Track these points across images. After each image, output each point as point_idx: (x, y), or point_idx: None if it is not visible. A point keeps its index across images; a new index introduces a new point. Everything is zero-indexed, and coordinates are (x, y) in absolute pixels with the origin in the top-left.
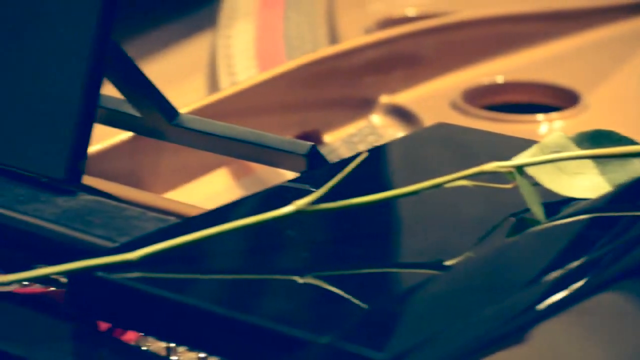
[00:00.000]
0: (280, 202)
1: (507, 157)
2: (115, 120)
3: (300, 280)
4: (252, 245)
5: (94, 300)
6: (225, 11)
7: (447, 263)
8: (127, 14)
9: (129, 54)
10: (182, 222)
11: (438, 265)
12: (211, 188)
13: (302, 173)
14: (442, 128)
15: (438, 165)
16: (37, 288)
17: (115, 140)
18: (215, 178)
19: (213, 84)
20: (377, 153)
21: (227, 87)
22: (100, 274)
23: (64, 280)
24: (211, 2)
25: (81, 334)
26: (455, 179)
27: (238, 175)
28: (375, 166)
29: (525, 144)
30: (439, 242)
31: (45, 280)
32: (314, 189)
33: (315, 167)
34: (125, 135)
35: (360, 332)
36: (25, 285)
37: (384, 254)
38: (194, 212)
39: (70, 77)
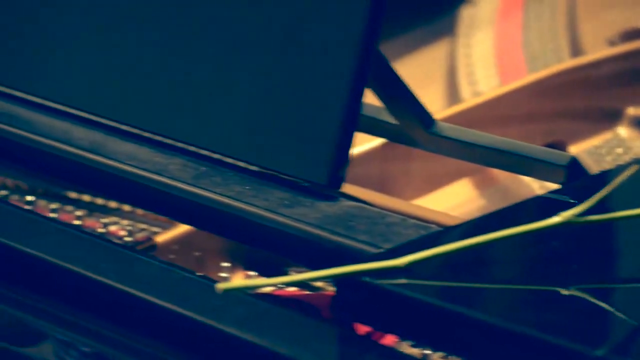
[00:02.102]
0: (542, 213)
1: None
2: (371, 127)
3: (564, 292)
4: (513, 255)
5: (359, 304)
6: (465, 21)
7: None
8: None
9: None
10: (445, 230)
11: None
12: (455, 197)
13: (562, 184)
14: None
15: None
16: (292, 291)
17: (367, 147)
18: (458, 188)
19: (451, 93)
20: None
21: (471, 97)
22: (367, 279)
23: (318, 284)
24: (449, 11)
25: (342, 336)
26: None
27: (481, 186)
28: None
29: None
30: None
31: (298, 283)
32: (576, 201)
33: (575, 179)
34: (377, 141)
35: (632, 349)
36: (280, 287)
37: None
38: (449, 221)
39: (335, 85)
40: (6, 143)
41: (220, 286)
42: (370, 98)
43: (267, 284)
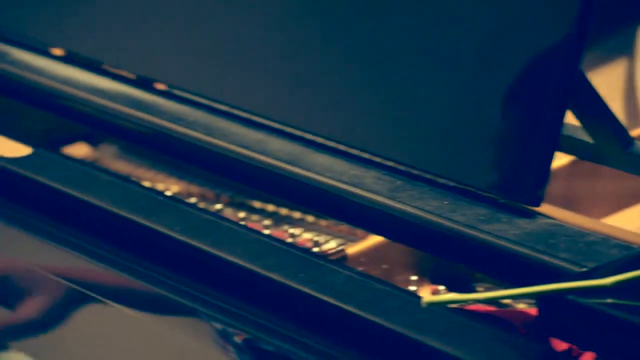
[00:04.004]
0: None
1: None
2: (566, 145)
3: None
4: None
5: (564, 322)
6: None
7: None
8: None
9: None
10: None
11: None
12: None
13: None
14: None
15: None
16: (483, 306)
17: (555, 164)
18: None
19: (631, 113)
20: None
21: None
22: (571, 297)
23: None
24: (628, 31)
25: (542, 352)
26: None
27: None
28: None
29: None
30: None
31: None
32: None
33: None
34: (564, 159)
35: None
36: (468, 303)
37: None
38: None
39: (537, 103)
40: (202, 152)
41: (426, 300)
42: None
43: (473, 300)
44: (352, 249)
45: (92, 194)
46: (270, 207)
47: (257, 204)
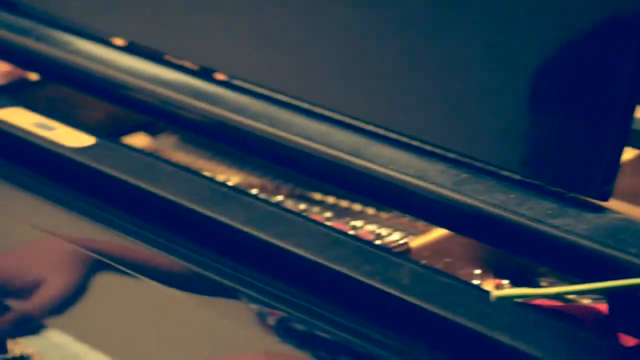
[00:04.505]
0: None
1: None
2: (635, 139)
3: None
4: None
5: (633, 318)
6: None
7: None
8: None
9: None
10: None
11: None
12: None
13: None
14: None
15: None
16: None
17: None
18: None
19: None
20: None
21: None
22: None
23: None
24: None
25: (611, 347)
26: None
27: None
28: None
29: None
30: None
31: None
32: None
33: None
34: (631, 153)
35: None
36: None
37: None
38: None
39: (607, 98)
40: (265, 143)
41: (495, 294)
42: None
43: (543, 294)
44: (416, 242)
45: (157, 184)
46: (331, 200)
47: (317, 196)
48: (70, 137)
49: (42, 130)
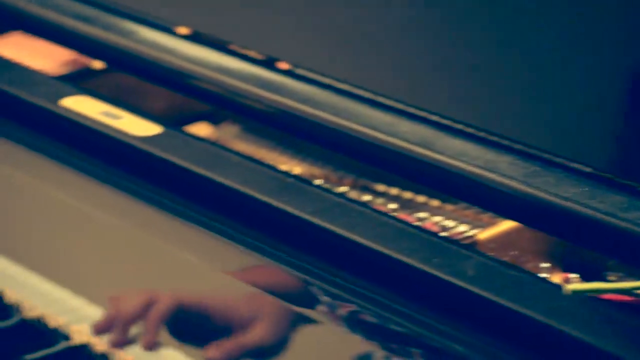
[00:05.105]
0: None
1: None
2: None
3: None
4: None
5: None
6: None
7: None
8: None
9: None
10: None
11: None
12: None
13: None
14: None
15: None
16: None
17: None
18: None
19: None
20: None
21: None
22: None
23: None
24: None
25: None
26: None
27: None
28: None
29: None
30: None
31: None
32: None
33: None
34: None
35: None
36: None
37: None
38: None
39: None
40: (330, 133)
41: (569, 287)
42: None
43: (619, 289)
44: (483, 235)
45: (224, 174)
46: (394, 191)
47: (381, 188)
48: (137, 126)
49: (109, 119)
